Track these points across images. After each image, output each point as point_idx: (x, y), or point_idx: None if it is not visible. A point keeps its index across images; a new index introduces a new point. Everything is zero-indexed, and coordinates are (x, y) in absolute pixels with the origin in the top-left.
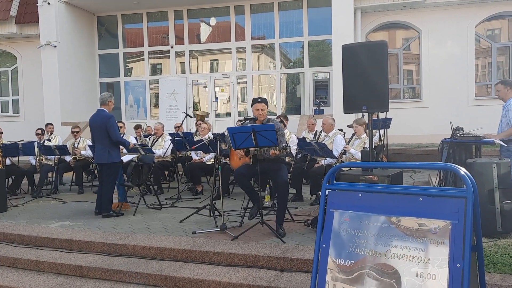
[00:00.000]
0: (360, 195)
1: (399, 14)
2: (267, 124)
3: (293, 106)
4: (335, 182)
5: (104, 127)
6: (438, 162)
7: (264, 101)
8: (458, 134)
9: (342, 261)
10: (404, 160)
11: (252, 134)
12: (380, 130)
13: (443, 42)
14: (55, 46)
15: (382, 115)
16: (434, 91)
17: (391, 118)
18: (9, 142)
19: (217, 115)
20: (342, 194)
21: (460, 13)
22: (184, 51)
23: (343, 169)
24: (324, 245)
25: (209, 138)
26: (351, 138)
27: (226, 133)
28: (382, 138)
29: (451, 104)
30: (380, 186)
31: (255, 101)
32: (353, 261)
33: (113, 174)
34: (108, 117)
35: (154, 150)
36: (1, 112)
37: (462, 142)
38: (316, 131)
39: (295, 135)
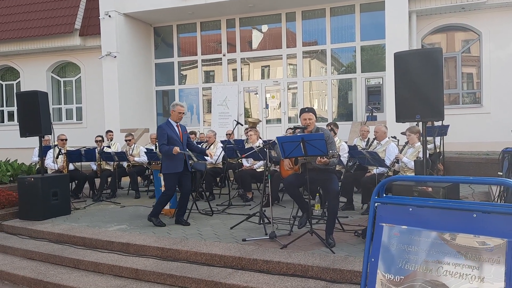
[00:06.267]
0: (410, 209)
1: (457, 16)
2: (316, 133)
3: (345, 112)
4: (384, 195)
5: None
6: (498, 177)
7: (311, 110)
8: None
9: (391, 276)
10: (462, 169)
11: (301, 143)
12: (437, 137)
13: (505, 44)
14: (115, 57)
15: (438, 122)
16: (495, 96)
17: (448, 125)
18: (72, 148)
19: (268, 121)
20: (392, 208)
21: None
22: (235, 58)
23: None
24: (372, 259)
25: (259, 145)
26: (404, 146)
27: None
28: (439, 146)
29: None
30: (431, 200)
31: (302, 111)
32: (402, 277)
33: (167, 184)
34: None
35: (206, 157)
36: (66, 119)
37: None
38: (369, 138)
39: (347, 142)
